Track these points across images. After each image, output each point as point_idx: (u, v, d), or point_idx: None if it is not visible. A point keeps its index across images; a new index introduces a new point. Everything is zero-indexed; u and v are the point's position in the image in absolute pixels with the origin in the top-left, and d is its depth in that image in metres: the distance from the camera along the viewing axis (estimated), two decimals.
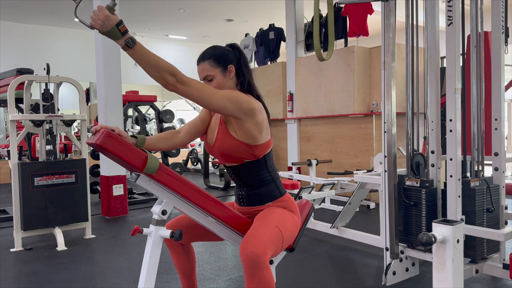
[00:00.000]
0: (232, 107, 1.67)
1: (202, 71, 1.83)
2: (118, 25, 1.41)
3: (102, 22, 1.39)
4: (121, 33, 1.42)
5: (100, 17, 1.39)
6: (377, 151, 5.44)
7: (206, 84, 1.66)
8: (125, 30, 1.43)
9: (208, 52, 1.84)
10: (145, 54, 1.47)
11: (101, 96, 5.07)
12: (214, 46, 1.88)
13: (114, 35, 1.43)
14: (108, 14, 1.39)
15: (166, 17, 9.88)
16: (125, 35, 1.43)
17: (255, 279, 1.57)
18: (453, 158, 2.39)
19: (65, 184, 3.91)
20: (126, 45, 1.44)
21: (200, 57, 1.85)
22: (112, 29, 1.41)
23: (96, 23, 1.40)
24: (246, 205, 1.90)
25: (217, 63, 1.81)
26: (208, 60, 1.82)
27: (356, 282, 2.84)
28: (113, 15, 1.41)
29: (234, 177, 1.90)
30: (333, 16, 2.85)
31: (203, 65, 1.82)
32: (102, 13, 1.39)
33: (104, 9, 1.39)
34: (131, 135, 1.78)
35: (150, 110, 7.85)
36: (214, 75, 1.81)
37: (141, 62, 1.48)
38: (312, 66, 6.32)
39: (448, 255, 1.67)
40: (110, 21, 1.40)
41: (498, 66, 2.79)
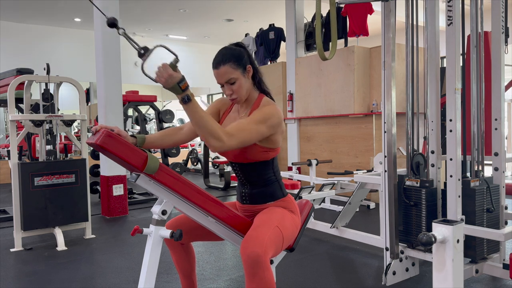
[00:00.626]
0: (269, 131, 1.73)
1: (224, 74, 1.77)
2: (179, 82, 1.51)
3: (165, 79, 1.49)
4: (182, 89, 1.52)
5: (164, 75, 1.49)
6: (377, 151, 5.44)
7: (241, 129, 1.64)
8: (186, 87, 1.53)
9: (226, 54, 1.78)
10: (197, 112, 1.55)
11: (101, 96, 5.07)
12: (227, 47, 1.83)
13: (175, 91, 1.53)
14: (171, 73, 1.49)
15: (166, 17, 9.88)
16: (185, 91, 1.53)
17: (255, 279, 1.57)
18: (453, 158, 2.39)
19: (65, 184, 3.91)
20: (182, 100, 1.54)
21: (218, 60, 1.78)
22: (174, 86, 1.51)
23: (160, 80, 1.51)
24: (249, 203, 1.91)
25: (238, 65, 1.78)
26: (229, 63, 1.77)
27: (356, 282, 2.83)
28: (176, 73, 1.51)
29: (239, 175, 1.90)
30: (336, 15, 2.85)
31: (225, 68, 1.77)
32: (166, 71, 1.49)
33: (168, 68, 1.49)
34: (131, 135, 1.78)
35: (150, 110, 7.84)
36: (237, 78, 1.79)
37: (191, 118, 1.56)
38: (312, 66, 6.32)
39: (448, 255, 1.67)
40: (173, 79, 1.50)
41: (498, 66, 2.79)
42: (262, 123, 1.70)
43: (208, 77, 12.68)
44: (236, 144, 1.62)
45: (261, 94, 1.90)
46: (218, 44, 12.64)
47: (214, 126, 1.57)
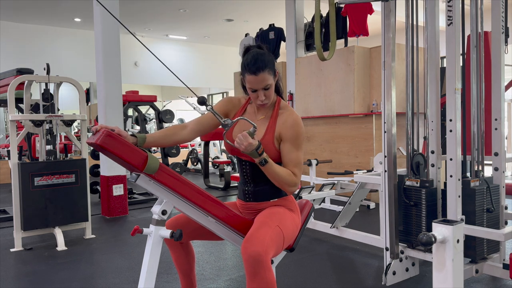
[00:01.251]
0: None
1: (263, 81, 1.78)
2: (257, 148, 1.68)
3: (245, 147, 1.66)
4: (259, 154, 1.70)
5: (244, 143, 1.65)
6: (377, 151, 5.44)
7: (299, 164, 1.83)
8: (262, 151, 1.71)
9: (263, 61, 1.78)
10: (274, 171, 1.75)
11: (101, 96, 5.07)
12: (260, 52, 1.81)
13: (253, 156, 1.70)
14: (251, 142, 1.65)
15: (166, 17, 9.88)
16: (261, 155, 1.71)
17: (256, 278, 1.57)
18: (453, 158, 2.39)
19: (65, 184, 3.91)
20: (259, 163, 1.72)
21: (255, 67, 1.76)
22: (253, 152, 1.68)
23: (240, 147, 1.66)
24: (252, 200, 1.91)
25: (272, 70, 1.82)
26: (267, 69, 1.78)
27: (356, 282, 2.83)
28: (254, 140, 1.67)
29: (247, 173, 1.90)
30: (335, 16, 2.85)
31: (264, 75, 1.77)
32: (246, 140, 1.65)
33: (248, 137, 1.65)
34: (131, 135, 1.78)
35: (150, 110, 7.85)
36: (271, 84, 1.82)
37: (269, 176, 1.77)
38: (312, 66, 6.32)
39: (448, 255, 1.67)
40: (252, 146, 1.66)
41: (498, 66, 2.79)
42: (302, 144, 1.88)
43: (208, 77, 12.69)
44: (300, 177, 1.86)
45: (279, 97, 1.94)
46: (218, 44, 12.68)
47: (287, 176, 1.77)
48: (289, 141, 1.83)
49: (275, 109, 1.88)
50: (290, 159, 1.82)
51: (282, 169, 1.77)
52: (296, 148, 1.84)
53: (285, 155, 1.83)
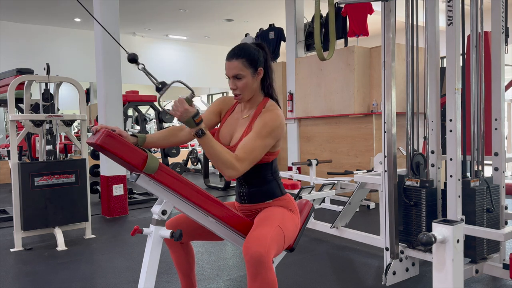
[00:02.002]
0: (274, 142, 1.77)
1: (233, 69, 1.79)
2: (194, 116, 1.56)
3: (181, 113, 1.54)
4: (196, 123, 1.57)
5: (180, 109, 1.54)
6: (377, 151, 5.44)
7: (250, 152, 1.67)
8: (200, 121, 1.58)
9: (242, 51, 1.79)
10: (211, 145, 1.61)
11: (101, 96, 5.07)
12: (246, 45, 1.83)
13: (189, 124, 1.57)
14: (187, 107, 1.54)
15: (166, 17, 9.88)
16: (199, 125, 1.58)
17: (258, 279, 1.57)
18: (453, 158, 2.39)
19: (65, 184, 3.91)
20: (196, 133, 1.59)
21: (232, 53, 1.80)
22: (189, 120, 1.56)
23: (176, 113, 1.56)
24: (247, 202, 1.91)
25: (250, 64, 1.80)
26: (241, 59, 1.78)
27: (356, 282, 2.83)
28: (191, 107, 1.56)
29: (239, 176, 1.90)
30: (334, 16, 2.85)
31: (236, 63, 1.78)
32: (182, 106, 1.54)
33: (184, 102, 1.54)
34: (132, 134, 1.78)
35: (150, 110, 7.85)
36: (245, 76, 1.80)
37: (205, 150, 1.63)
38: (312, 66, 6.32)
39: (448, 255, 1.67)
40: (188, 113, 1.54)
41: (498, 66, 2.79)
42: (268, 137, 1.73)
43: (208, 77, 12.68)
44: (248, 166, 1.68)
45: (266, 98, 1.90)
46: (218, 44, 12.67)
47: (227, 156, 1.62)
48: (255, 128, 1.74)
49: (258, 108, 1.86)
50: (244, 143, 1.69)
51: (223, 147, 1.64)
52: (257, 136, 1.71)
53: (243, 139, 1.74)
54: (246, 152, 1.67)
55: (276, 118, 1.77)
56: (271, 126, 1.74)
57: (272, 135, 1.74)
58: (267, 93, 1.91)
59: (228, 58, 1.80)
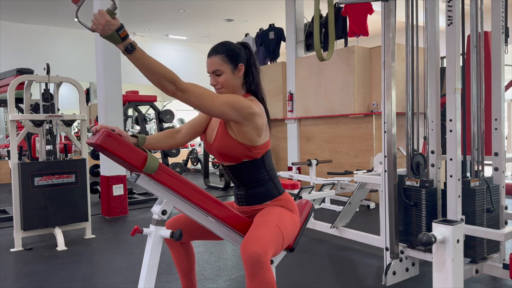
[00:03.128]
0: (232, 112, 1.67)
1: (212, 64, 1.82)
2: (118, 30, 1.42)
3: (102, 26, 1.40)
4: (121, 38, 1.43)
5: (101, 22, 1.40)
6: (377, 151, 5.44)
7: (206, 90, 1.64)
8: (126, 35, 1.44)
9: (222, 47, 1.83)
10: (145, 60, 1.47)
11: (101, 96, 5.07)
12: (227, 42, 1.87)
13: (114, 40, 1.44)
14: (109, 19, 1.40)
15: (166, 17, 9.88)
16: (125, 40, 1.44)
17: (256, 279, 1.57)
18: (453, 158, 2.39)
19: (65, 184, 3.91)
20: (125, 50, 1.45)
21: (212, 50, 1.83)
22: (112, 34, 1.42)
23: (97, 27, 1.41)
24: (245, 204, 1.90)
25: (229, 60, 1.81)
26: (220, 55, 1.81)
27: (356, 282, 2.83)
28: (114, 20, 1.42)
29: (232, 177, 1.91)
30: (334, 16, 2.85)
31: (215, 59, 1.81)
32: (103, 17, 1.40)
33: (105, 14, 1.40)
34: (132, 135, 1.78)
35: (150, 110, 7.84)
36: (224, 71, 1.82)
37: (140, 67, 1.49)
38: (312, 66, 6.32)
39: (448, 255, 1.67)
40: (110, 26, 1.41)
41: (498, 66, 2.79)
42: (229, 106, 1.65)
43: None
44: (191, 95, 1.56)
45: (247, 94, 1.87)
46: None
47: (167, 69, 1.51)
48: None
49: None
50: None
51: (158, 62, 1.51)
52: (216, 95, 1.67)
53: None
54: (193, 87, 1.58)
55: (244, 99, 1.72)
56: (234, 97, 1.70)
57: (234, 106, 1.66)
58: (249, 89, 1.88)
59: (209, 54, 1.83)
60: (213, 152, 1.88)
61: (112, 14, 1.41)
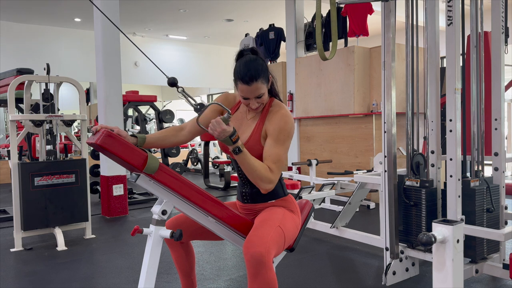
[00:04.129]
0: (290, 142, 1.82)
1: (255, 91, 1.75)
2: (231, 135, 1.62)
3: (218, 133, 1.60)
4: (233, 142, 1.63)
5: (217, 129, 1.59)
6: (377, 151, 5.44)
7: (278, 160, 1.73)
8: (237, 139, 1.64)
9: (257, 69, 1.75)
10: (248, 162, 1.67)
11: (101, 96, 5.07)
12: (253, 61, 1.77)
13: (227, 143, 1.64)
14: (224, 128, 1.59)
15: (166, 17, 9.88)
16: (236, 143, 1.64)
17: (258, 279, 1.57)
18: (453, 158, 2.39)
19: (65, 184, 3.91)
20: (233, 151, 1.65)
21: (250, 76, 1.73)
22: (226, 139, 1.62)
23: (214, 133, 1.61)
24: (250, 202, 1.91)
25: (266, 80, 1.79)
26: (260, 79, 1.74)
27: (356, 282, 2.84)
28: (228, 126, 1.60)
29: (242, 174, 1.90)
30: (336, 15, 2.84)
31: (257, 85, 1.74)
32: (220, 126, 1.59)
33: (221, 123, 1.59)
34: (132, 135, 1.78)
35: (150, 110, 7.85)
36: (265, 92, 1.80)
37: (242, 166, 1.69)
38: (312, 66, 6.32)
39: (448, 255, 1.67)
40: (225, 133, 1.60)
41: (498, 66, 2.79)
42: (287, 140, 1.78)
43: (208, 77, 12.68)
44: (279, 174, 1.74)
45: (272, 98, 1.90)
46: (218, 44, 12.67)
47: (262, 171, 1.68)
48: (271, 135, 1.77)
49: (266, 108, 1.86)
50: (269, 153, 1.74)
51: (259, 162, 1.69)
52: (277, 143, 1.75)
53: (265, 150, 1.76)
54: (275, 162, 1.72)
55: (288, 119, 1.80)
56: (286, 129, 1.78)
57: (290, 137, 1.79)
58: (271, 93, 1.91)
59: (246, 82, 1.73)
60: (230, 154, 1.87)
61: (227, 121, 1.62)
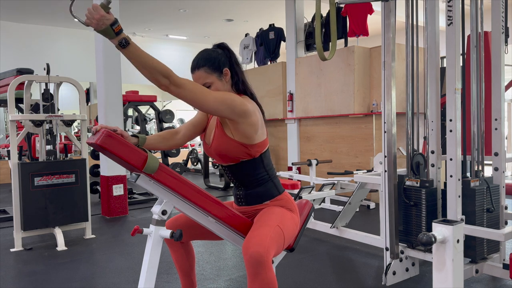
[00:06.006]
0: (226, 109, 1.66)
1: (198, 79, 1.78)
2: (112, 24, 1.42)
3: (96, 21, 1.40)
4: (115, 32, 1.43)
5: (95, 16, 1.40)
6: (377, 151, 5.44)
7: (200, 86, 1.64)
8: (120, 30, 1.43)
9: (201, 59, 1.79)
10: (139, 55, 1.47)
11: (101, 96, 5.07)
12: (205, 50, 1.83)
13: (108, 34, 1.43)
14: (103, 14, 1.40)
15: (166, 17, 9.88)
16: (119, 35, 1.43)
17: (257, 279, 1.57)
18: (453, 158, 2.39)
19: (65, 184, 3.91)
20: (119, 44, 1.44)
21: (193, 65, 1.80)
22: (107, 28, 1.42)
23: (91, 22, 1.41)
24: (245, 204, 1.90)
25: (213, 69, 1.78)
26: (203, 68, 1.77)
27: (356, 282, 2.84)
28: (108, 14, 1.41)
29: (231, 177, 1.90)
30: (336, 15, 2.84)
31: (199, 73, 1.78)
32: (97, 12, 1.39)
33: (99, 8, 1.40)
34: (132, 135, 1.79)
35: (150, 110, 7.85)
36: (212, 82, 1.78)
37: (134, 62, 1.48)
38: (312, 66, 6.32)
39: (448, 255, 1.67)
40: (104, 20, 1.40)
41: (498, 66, 2.79)
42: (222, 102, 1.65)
43: None
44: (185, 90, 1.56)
45: (239, 94, 1.86)
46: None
47: (162, 64, 1.51)
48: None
49: None
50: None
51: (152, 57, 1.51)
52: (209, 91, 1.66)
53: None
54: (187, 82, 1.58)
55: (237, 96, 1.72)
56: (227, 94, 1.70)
57: (227, 103, 1.65)
58: (239, 89, 1.87)
59: (191, 70, 1.79)
60: (211, 154, 1.88)
61: (106, 8, 1.41)
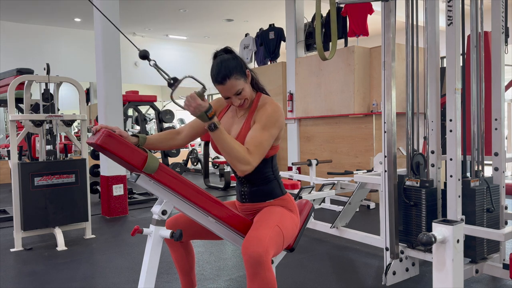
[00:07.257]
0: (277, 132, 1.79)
1: (231, 88, 1.77)
2: (207, 111, 1.58)
3: (194, 108, 1.57)
4: (208, 118, 1.59)
5: (192, 104, 1.56)
6: (377, 151, 5.44)
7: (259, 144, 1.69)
8: (212, 116, 1.59)
9: (227, 68, 1.76)
10: (223, 140, 1.61)
11: (101, 96, 5.07)
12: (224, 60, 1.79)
13: (202, 119, 1.60)
14: (199, 103, 1.56)
15: (166, 17, 9.88)
16: (211, 119, 1.59)
17: (257, 279, 1.57)
18: (453, 158, 2.39)
19: (65, 184, 3.91)
20: (208, 127, 1.60)
21: (222, 76, 1.76)
22: (202, 114, 1.58)
23: (189, 108, 1.58)
24: (248, 201, 1.91)
25: (240, 75, 1.78)
26: (233, 76, 1.76)
27: (356, 282, 2.83)
28: (204, 102, 1.57)
29: None
30: (336, 15, 2.84)
31: (231, 83, 1.76)
32: (194, 101, 1.56)
33: (196, 98, 1.56)
34: (132, 135, 1.79)
35: (150, 110, 7.85)
36: (243, 87, 1.79)
37: (218, 144, 1.63)
38: (312, 66, 6.32)
39: (448, 255, 1.67)
40: (200, 108, 1.57)
41: (498, 66, 2.79)
42: (273, 127, 1.75)
43: (208, 77, 12.59)
44: (259, 160, 1.69)
45: (259, 93, 1.92)
46: (218, 44, 12.59)
47: (240, 150, 1.63)
48: (258, 121, 1.76)
49: (254, 104, 1.87)
50: (252, 136, 1.71)
51: (236, 142, 1.64)
52: (262, 128, 1.72)
53: (249, 133, 1.74)
54: (255, 145, 1.68)
55: (276, 109, 1.80)
56: (274, 117, 1.77)
57: (277, 125, 1.76)
58: (257, 88, 1.92)
59: (220, 82, 1.77)
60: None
61: (202, 96, 1.59)
